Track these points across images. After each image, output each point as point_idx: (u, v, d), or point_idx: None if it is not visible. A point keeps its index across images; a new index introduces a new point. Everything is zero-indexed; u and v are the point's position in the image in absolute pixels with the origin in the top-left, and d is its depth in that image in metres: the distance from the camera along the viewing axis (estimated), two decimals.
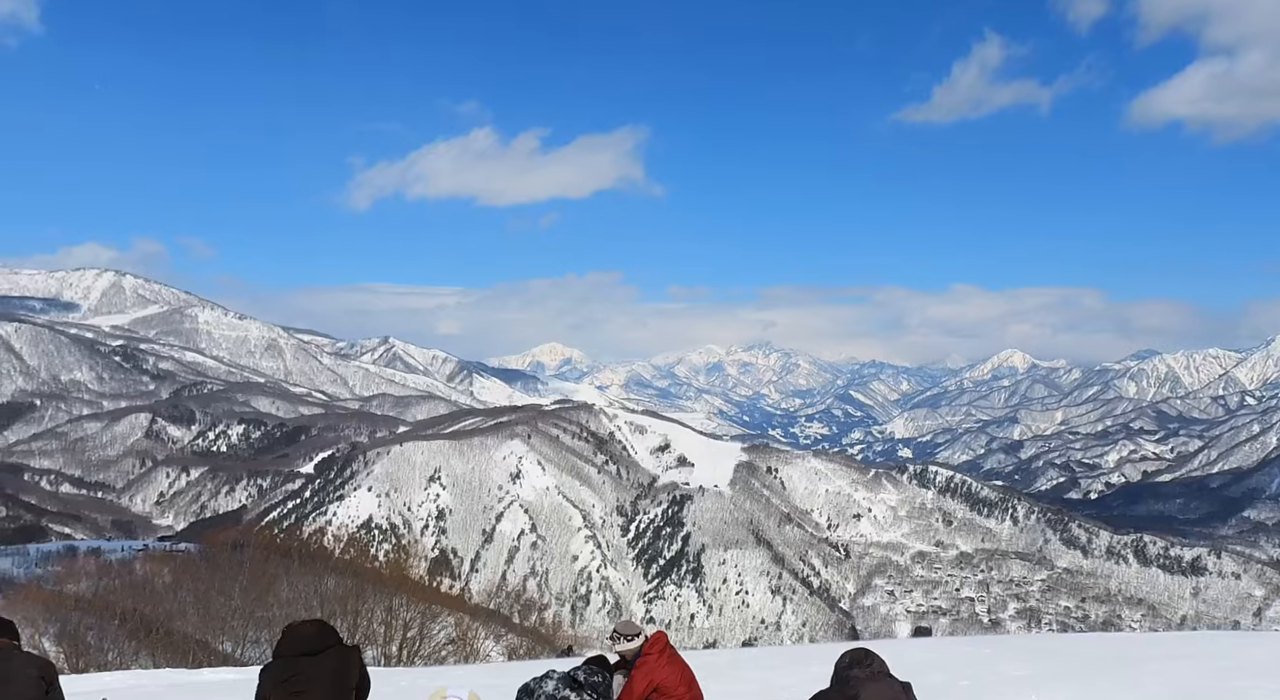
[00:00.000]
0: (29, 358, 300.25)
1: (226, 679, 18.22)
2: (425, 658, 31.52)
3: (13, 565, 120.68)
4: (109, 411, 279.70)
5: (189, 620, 35.94)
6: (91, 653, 32.13)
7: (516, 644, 48.27)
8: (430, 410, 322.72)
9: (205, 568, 44.21)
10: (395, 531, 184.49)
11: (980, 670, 15.52)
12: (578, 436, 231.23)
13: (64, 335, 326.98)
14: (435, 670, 21.59)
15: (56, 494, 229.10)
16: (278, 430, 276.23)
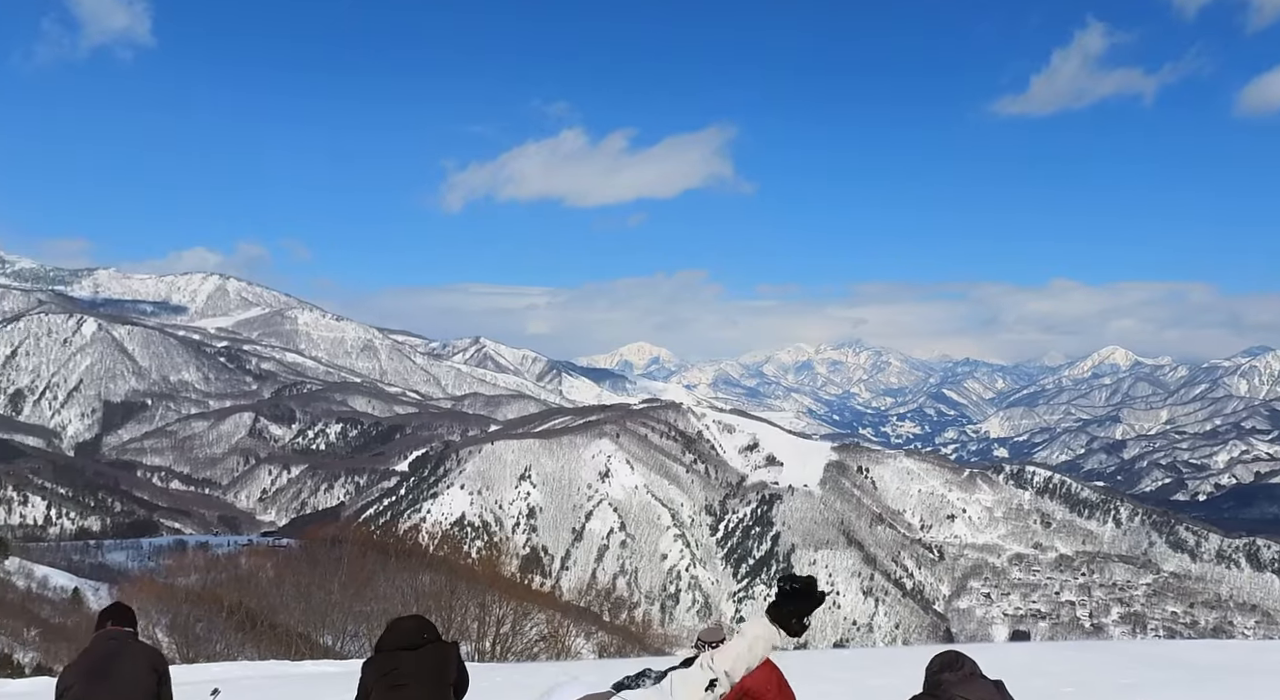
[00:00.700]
0: (141, 359, 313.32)
1: (328, 671, 18.73)
2: (518, 654, 31.91)
3: (127, 558, 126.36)
4: (215, 411, 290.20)
5: (291, 614, 37.01)
6: (201, 644, 33.33)
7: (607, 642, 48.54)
8: (520, 409, 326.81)
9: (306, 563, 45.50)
10: (487, 529, 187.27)
11: (1084, 676, 15.07)
12: (666, 435, 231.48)
13: (173, 337, 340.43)
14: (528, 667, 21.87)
15: (167, 490, 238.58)
16: (373, 429, 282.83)
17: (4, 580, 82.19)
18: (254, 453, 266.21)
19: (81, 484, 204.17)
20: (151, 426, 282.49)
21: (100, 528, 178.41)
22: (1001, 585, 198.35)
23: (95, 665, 5.39)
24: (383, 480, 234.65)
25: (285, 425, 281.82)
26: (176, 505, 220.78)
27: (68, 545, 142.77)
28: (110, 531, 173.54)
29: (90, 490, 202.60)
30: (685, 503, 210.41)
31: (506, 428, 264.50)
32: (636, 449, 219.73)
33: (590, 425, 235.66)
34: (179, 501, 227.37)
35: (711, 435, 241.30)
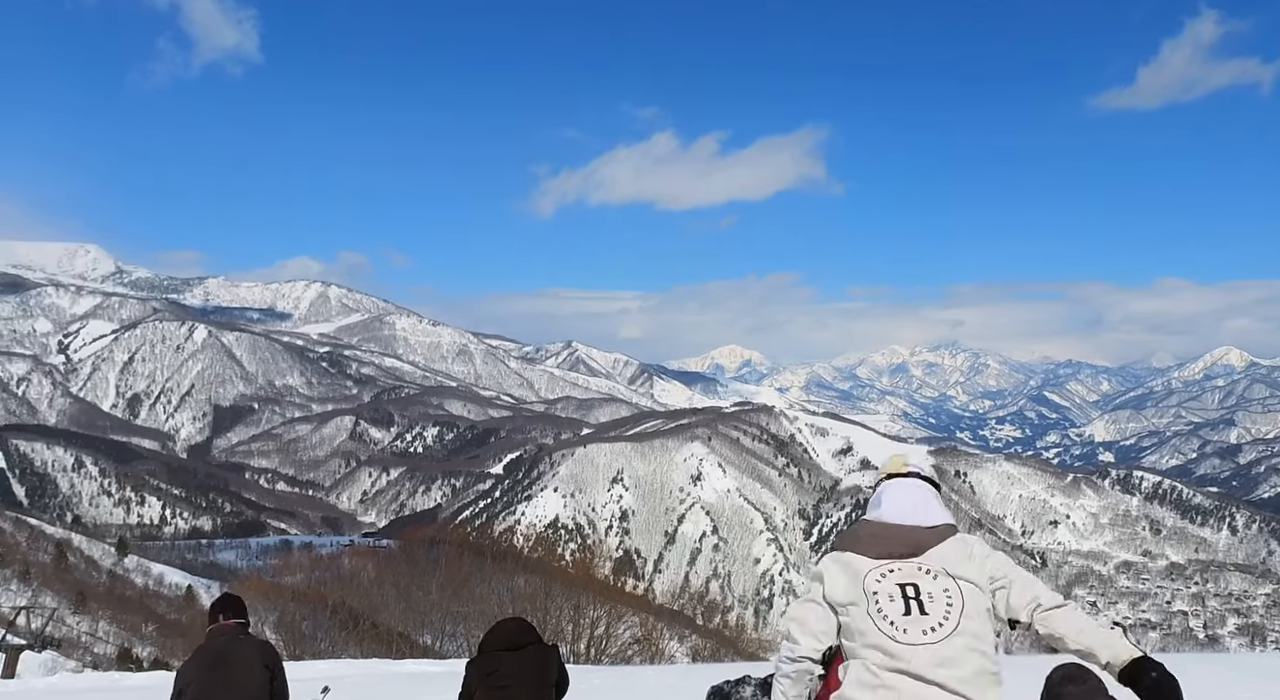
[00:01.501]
0: (248, 364, 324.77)
1: (428, 671, 19.08)
2: (612, 657, 32.04)
3: (236, 557, 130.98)
4: (317, 414, 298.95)
5: (391, 613, 37.84)
6: (306, 642, 34.28)
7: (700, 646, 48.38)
8: (612, 413, 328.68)
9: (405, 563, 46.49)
10: (580, 531, 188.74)
11: (1200, 690, 14.43)
12: (758, 439, 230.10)
13: (278, 343, 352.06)
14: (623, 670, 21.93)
15: (273, 491, 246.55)
16: (469, 432, 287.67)
17: (124, 577, 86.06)
18: (355, 455, 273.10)
19: (194, 485, 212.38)
20: (258, 429, 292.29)
21: (211, 527, 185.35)
22: (1108, 593, 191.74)
23: (211, 661, 5.60)
24: (478, 483, 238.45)
25: (384, 428, 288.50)
26: (282, 506, 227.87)
27: (181, 544, 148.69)
28: (220, 531, 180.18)
29: (202, 491, 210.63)
30: (778, 506, 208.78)
31: (598, 431, 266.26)
32: (728, 452, 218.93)
33: (682, 428, 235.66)
34: (284, 502, 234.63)
35: (804, 438, 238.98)
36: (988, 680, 3.13)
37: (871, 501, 3.73)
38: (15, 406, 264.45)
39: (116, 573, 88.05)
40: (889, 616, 3.20)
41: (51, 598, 59.53)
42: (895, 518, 3.50)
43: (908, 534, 3.42)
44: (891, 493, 3.67)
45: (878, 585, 3.29)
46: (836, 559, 3.45)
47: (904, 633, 3.16)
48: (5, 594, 63.58)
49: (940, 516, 3.53)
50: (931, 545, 3.40)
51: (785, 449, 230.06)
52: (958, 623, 3.18)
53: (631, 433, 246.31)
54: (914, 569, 3.32)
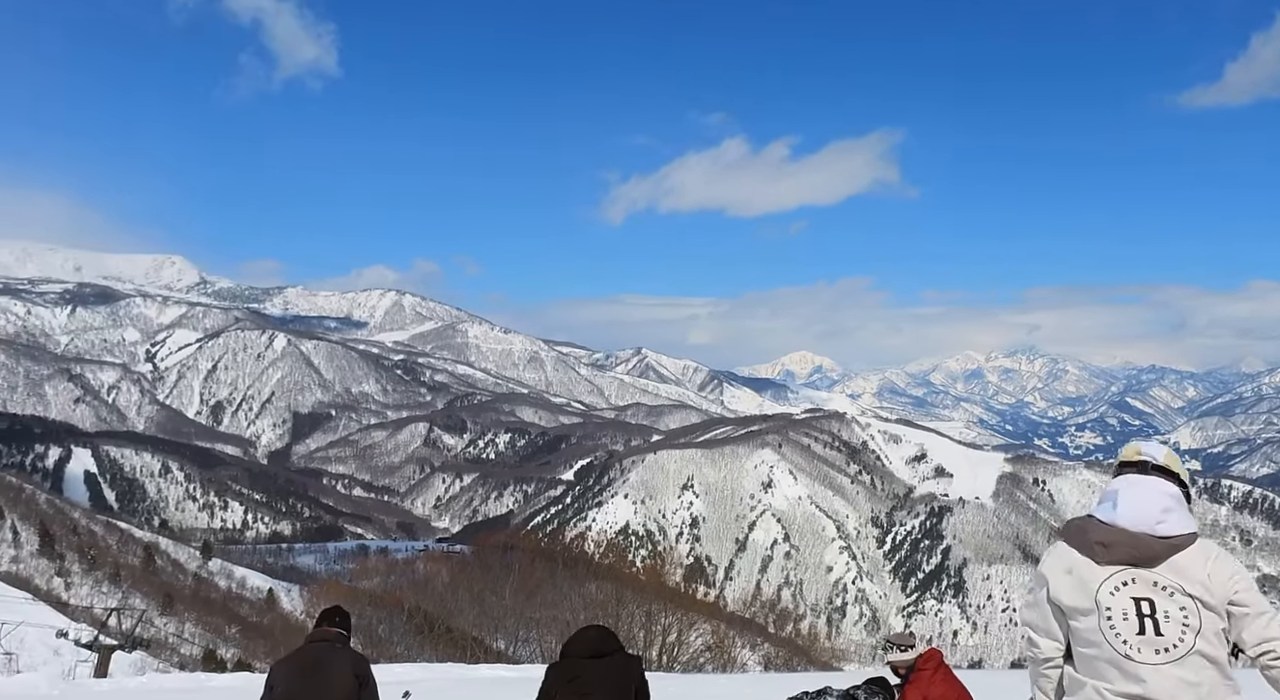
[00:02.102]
0: (325, 372, 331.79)
1: (502, 675, 19.29)
2: (684, 664, 31.97)
3: (315, 561, 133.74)
4: (393, 421, 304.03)
5: (466, 618, 38.33)
6: (383, 645, 34.87)
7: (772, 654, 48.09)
8: (682, 419, 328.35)
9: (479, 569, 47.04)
10: (651, 538, 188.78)
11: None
12: (829, 446, 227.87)
13: (354, 351, 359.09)
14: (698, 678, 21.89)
15: (350, 497, 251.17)
16: (540, 438, 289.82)
17: (208, 580, 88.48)
18: (429, 461, 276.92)
19: (274, 491, 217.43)
20: (335, 436, 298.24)
21: (291, 532, 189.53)
22: None
23: (303, 664, 5.78)
24: (549, 489, 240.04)
25: (457, 435, 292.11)
26: (358, 511, 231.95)
27: (262, 548, 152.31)
28: (300, 535, 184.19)
29: (282, 496, 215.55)
30: (850, 514, 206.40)
31: (669, 437, 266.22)
32: (799, 459, 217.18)
33: (752, 435, 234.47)
34: (360, 508, 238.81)
35: (877, 446, 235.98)
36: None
37: (1104, 495, 3.31)
38: (106, 413, 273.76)
39: (201, 576, 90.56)
40: (1122, 634, 2.97)
41: (140, 599, 61.48)
42: (1131, 523, 3.10)
43: (1144, 544, 3.06)
44: (1129, 494, 3.20)
45: (1111, 599, 3.03)
46: (1061, 560, 3.19)
47: (1138, 652, 2.94)
48: (97, 595, 65.85)
49: (1182, 525, 3.10)
50: (1169, 556, 3.04)
51: (857, 456, 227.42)
52: (1193, 645, 2.92)
53: (702, 439, 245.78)
54: (1149, 583, 3.02)
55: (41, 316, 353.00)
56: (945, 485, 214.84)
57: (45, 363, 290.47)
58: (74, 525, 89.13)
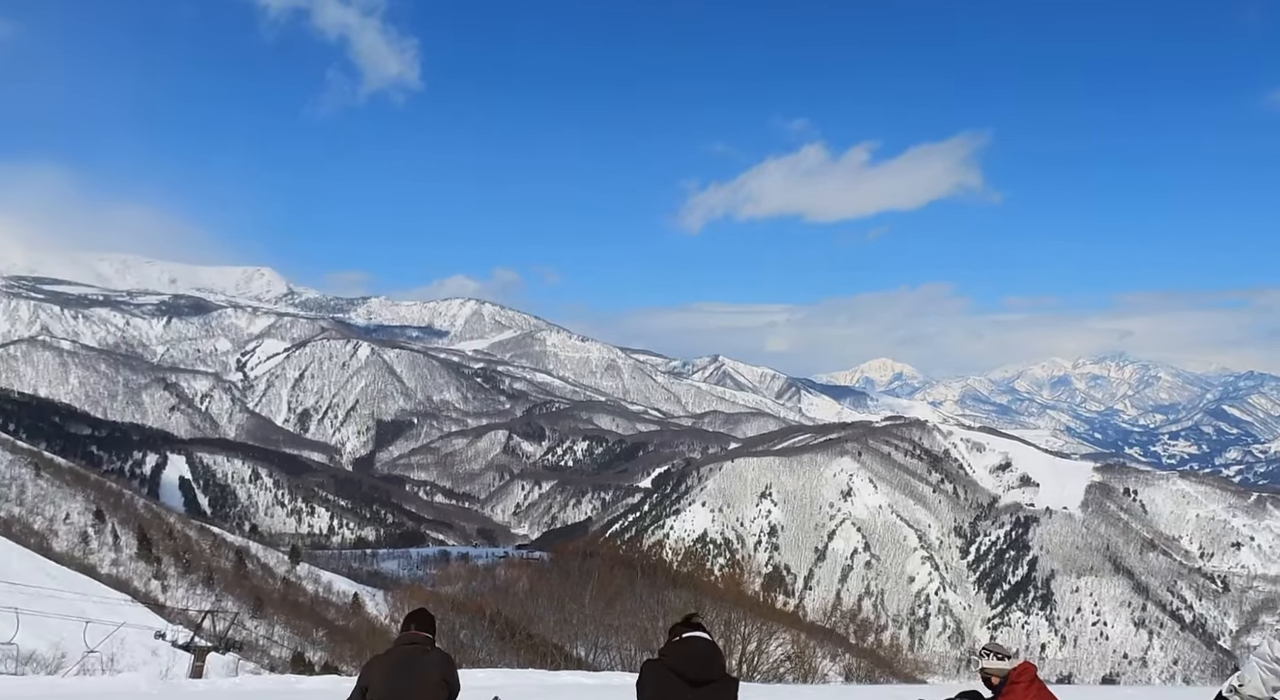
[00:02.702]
0: (408, 380, 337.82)
1: (583, 682, 19.45)
2: (764, 674, 31.79)
3: (398, 567, 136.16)
4: (473, 428, 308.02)
5: (546, 624, 38.66)
6: (465, 650, 35.35)
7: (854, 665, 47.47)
8: (759, 427, 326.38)
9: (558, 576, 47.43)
10: (729, 546, 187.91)
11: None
12: (910, 454, 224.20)
13: (435, 359, 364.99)
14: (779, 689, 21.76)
15: (431, 503, 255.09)
16: (618, 446, 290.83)
17: (296, 584, 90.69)
18: (508, 469, 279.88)
19: (359, 497, 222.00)
20: (417, 443, 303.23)
21: (375, 538, 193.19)
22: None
23: (396, 666, 6.00)
24: (627, 496, 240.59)
25: (536, 442, 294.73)
26: (440, 518, 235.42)
27: (348, 553, 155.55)
28: (383, 541, 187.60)
29: (366, 503, 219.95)
30: (932, 524, 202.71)
31: (746, 445, 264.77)
32: (879, 468, 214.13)
33: (831, 443, 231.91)
34: (442, 514, 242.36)
35: (959, 454, 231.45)
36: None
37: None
38: (199, 421, 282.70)
39: (290, 580, 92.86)
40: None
41: (232, 602, 63.29)
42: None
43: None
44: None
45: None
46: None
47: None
48: (192, 598, 68.02)
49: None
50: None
51: (939, 465, 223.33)
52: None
53: (779, 447, 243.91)
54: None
55: (139, 327, 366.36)
56: (1031, 495, 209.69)
57: (142, 372, 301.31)
58: (170, 529, 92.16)
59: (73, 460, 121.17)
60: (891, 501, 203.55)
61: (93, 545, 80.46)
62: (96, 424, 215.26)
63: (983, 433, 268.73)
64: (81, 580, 59.06)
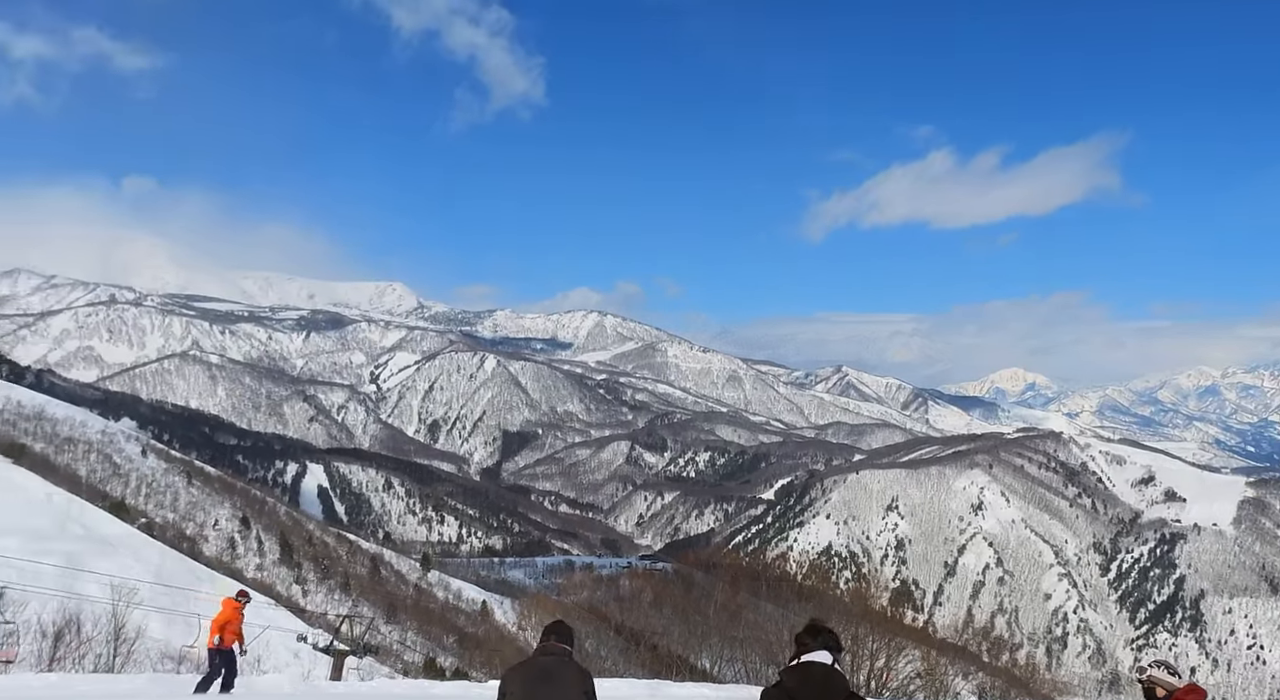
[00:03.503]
0: (532, 392, 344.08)
1: (707, 695, 19.43)
2: (893, 691, 31.14)
3: (524, 576, 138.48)
4: (596, 439, 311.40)
5: (670, 635, 38.74)
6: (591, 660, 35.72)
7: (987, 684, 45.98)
8: (885, 438, 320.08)
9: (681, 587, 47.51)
10: (855, 559, 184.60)
11: None
12: (1045, 467, 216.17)
13: (559, 371, 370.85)
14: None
15: (556, 513, 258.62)
16: (740, 457, 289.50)
17: (427, 591, 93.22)
18: (631, 479, 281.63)
19: (486, 506, 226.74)
20: (542, 454, 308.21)
21: (502, 546, 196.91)
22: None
23: (537, 675, 6.18)
24: (750, 508, 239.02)
25: (658, 453, 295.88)
26: (565, 527, 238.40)
27: (476, 561, 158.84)
28: (510, 550, 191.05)
29: (493, 512, 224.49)
30: (1069, 540, 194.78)
31: (871, 457, 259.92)
32: (1012, 481, 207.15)
33: (960, 455, 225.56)
34: (567, 524, 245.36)
35: (1098, 467, 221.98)
36: None
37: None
38: (336, 431, 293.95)
39: (421, 587, 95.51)
40: None
41: (368, 607, 65.52)
42: None
43: None
44: None
45: None
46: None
47: None
48: (330, 602, 70.69)
49: None
50: None
51: (1076, 478, 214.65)
52: None
53: (906, 459, 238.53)
54: None
55: (280, 341, 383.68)
56: (1177, 510, 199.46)
57: (283, 384, 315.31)
58: (309, 536, 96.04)
59: (221, 469, 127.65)
60: (1025, 516, 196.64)
61: (239, 550, 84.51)
62: (242, 434, 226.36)
63: (1123, 445, 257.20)
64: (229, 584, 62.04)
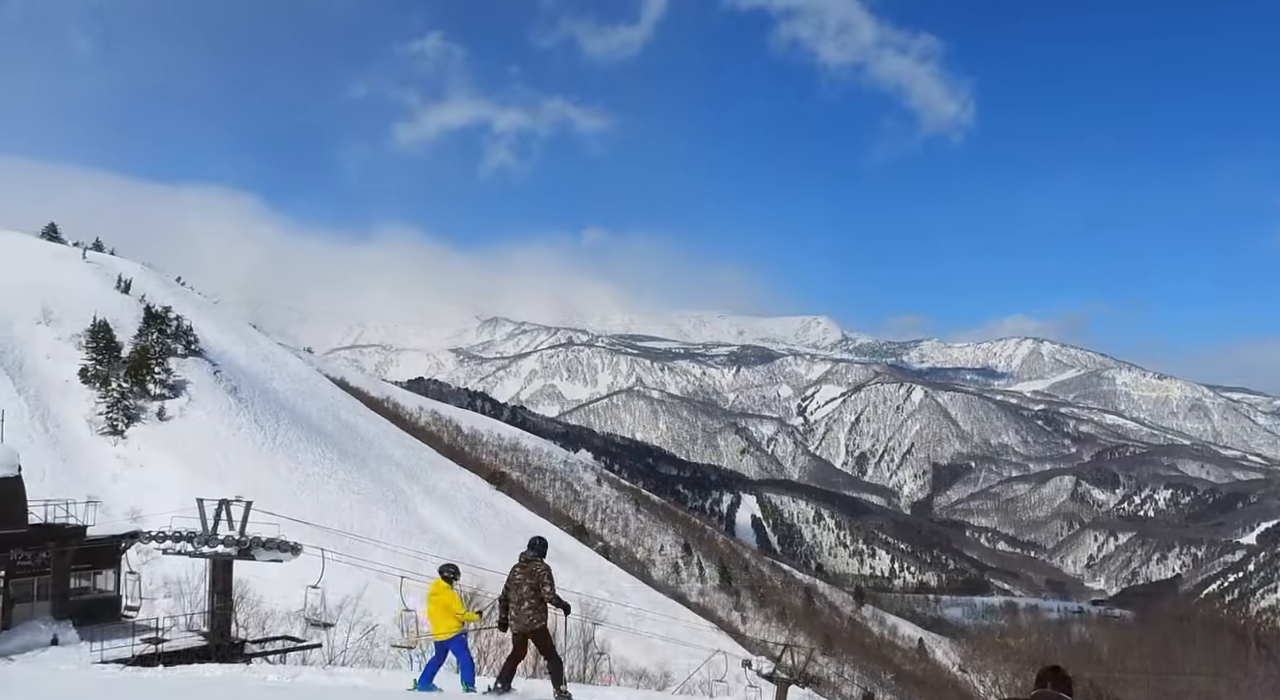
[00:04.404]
0: (963, 423, 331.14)
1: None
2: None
3: (962, 614, 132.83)
4: (1035, 473, 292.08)
5: (1137, 691, 35.11)
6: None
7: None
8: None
9: (1147, 637, 42.88)
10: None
11: None
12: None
13: (991, 401, 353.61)
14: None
15: (993, 551, 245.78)
16: (1209, 496, 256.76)
17: (861, 625, 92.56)
18: (1076, 517, 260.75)
19: (917, 541, 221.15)
20: (976, 488, 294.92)
21: (936, 583, 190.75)
22: None
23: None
24: (1225, 553, 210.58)
25: (1108, 490, 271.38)
26: (1003, 566, 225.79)
27: (910, 597, 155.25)
28: (945, 587, 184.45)
29: (925, 547, 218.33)
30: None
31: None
32: None
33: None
34: (1005, 562, 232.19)
35: None
36: None
37: None
38: (766, 463, 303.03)
39: (855, 620, 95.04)
40: None
41: (804, 637, 66.34)
42: None
43: None
44: None
45: None
46: None
47: None
48: (767, 630, 72.60)
49: None
50: None
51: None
52: None
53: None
54: None
55: (713, 376, 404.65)
56: None
57: (717, 417, 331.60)
58: (746, 564, 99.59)
59: (664, 497, 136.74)
60: None
61: (682, 575, 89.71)
62: (681, 465, 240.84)
63: None
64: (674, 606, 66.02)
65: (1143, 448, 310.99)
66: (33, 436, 48.50)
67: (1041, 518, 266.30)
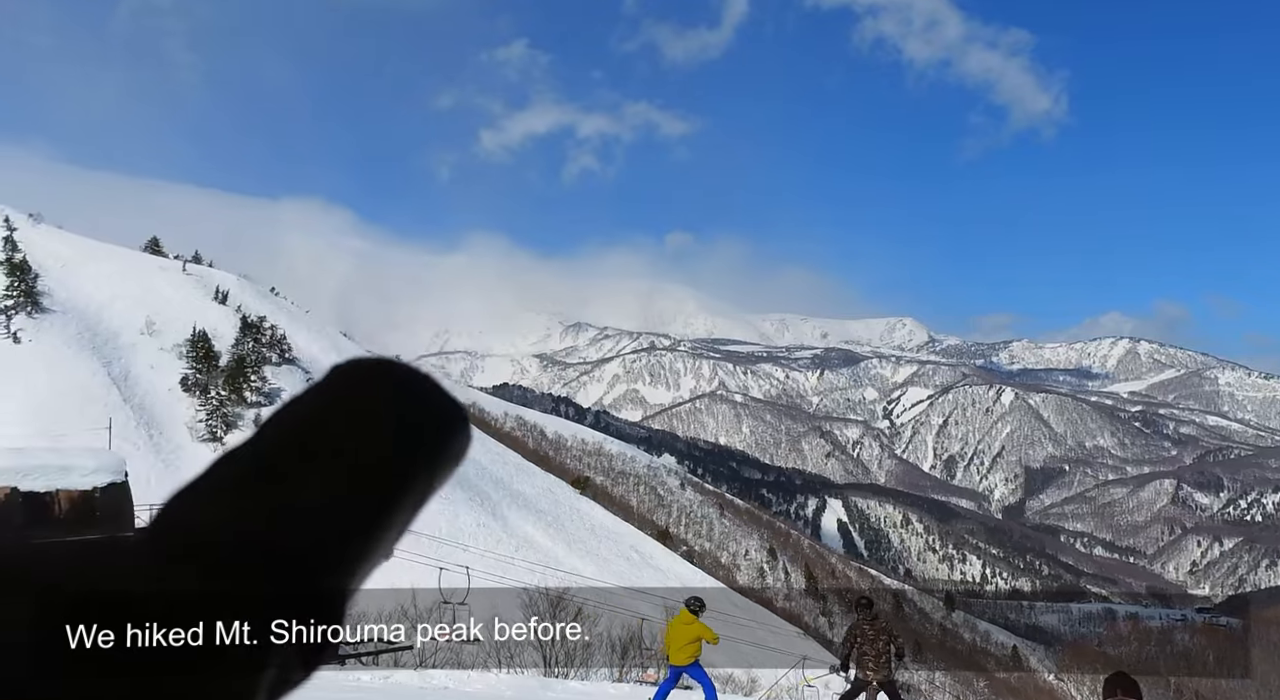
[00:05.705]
0: (1055, 425, 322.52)
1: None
2: None
3: (1058, 622, 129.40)
4: (1132, 477, 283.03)
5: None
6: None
7: None
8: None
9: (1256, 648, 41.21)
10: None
11: None
12: None
13: (1085, 403, 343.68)
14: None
15: (1090, 556, 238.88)
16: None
17: (952, 631, 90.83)
18: (1178, 522, 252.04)
19: (1009, 546, 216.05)
20: (1070, 492, 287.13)
21: (1030, 589, 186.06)
22: None
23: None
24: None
25: (1211, 493, 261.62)
26: (1100, 572, 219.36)
27: (1002, 603, 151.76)
28: (1039, 593, 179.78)
29: (1018, 552, 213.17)
30: None
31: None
32: None
33: None
34: (1102, 568, 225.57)
35: None
36: None
37: None
38: (851, 466, 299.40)
39: (945, 626, 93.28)
40: None
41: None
42: None
43: None
44: None
45: None
46: None
47: None
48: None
49: None
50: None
51: None
52: None
53: None
54: None
55: (796, 380, 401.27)
56: None
57: (801, 421, 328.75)
58: (832, 569, 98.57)
59: (748, 502, 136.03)
60: None
61: (768, 580, 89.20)
62: (765, 469, 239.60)
63: None
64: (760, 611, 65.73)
65: (1248, 450, 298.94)
66: (138, 444, 50.56)
67: (1140, 522, 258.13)
